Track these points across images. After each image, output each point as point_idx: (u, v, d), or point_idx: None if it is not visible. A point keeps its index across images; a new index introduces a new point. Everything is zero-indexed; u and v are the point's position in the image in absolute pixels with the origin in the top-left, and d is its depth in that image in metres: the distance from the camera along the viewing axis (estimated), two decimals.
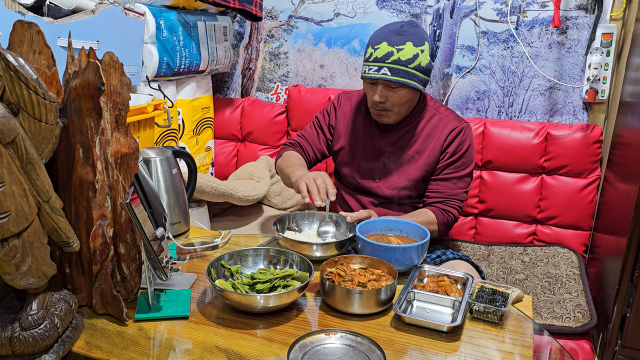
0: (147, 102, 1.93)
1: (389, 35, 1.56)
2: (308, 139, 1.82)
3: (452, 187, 1.66)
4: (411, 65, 1.54)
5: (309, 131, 1.83)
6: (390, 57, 1.53)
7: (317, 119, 1.84)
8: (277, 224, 1.44)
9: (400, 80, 1.54)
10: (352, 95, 1.82)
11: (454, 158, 1.66)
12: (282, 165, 1.73)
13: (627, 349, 1.70)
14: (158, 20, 2.09)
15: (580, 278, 2.01)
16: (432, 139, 1.67)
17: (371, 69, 1.56)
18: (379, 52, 1.55)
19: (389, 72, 1.54)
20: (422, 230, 1.36)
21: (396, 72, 1.54)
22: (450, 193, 1.66)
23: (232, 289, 1.13)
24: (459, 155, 1.66)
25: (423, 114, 1.70)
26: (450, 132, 1.66)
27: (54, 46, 1.72)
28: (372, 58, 1.57)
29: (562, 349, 1.21)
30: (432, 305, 1.17)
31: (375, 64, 1.55)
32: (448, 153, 1.66)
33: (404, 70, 1.54)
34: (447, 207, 1.65)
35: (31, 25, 1.00)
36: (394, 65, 1.53)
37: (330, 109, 1.82)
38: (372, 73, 1.56)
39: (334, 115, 1.80)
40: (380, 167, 1.71)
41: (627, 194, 1.73)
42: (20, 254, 0.90)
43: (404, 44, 1.53)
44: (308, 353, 0.98)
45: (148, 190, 1.17)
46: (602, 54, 2.16)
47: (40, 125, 0.91)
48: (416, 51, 1.54)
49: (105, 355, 1.00)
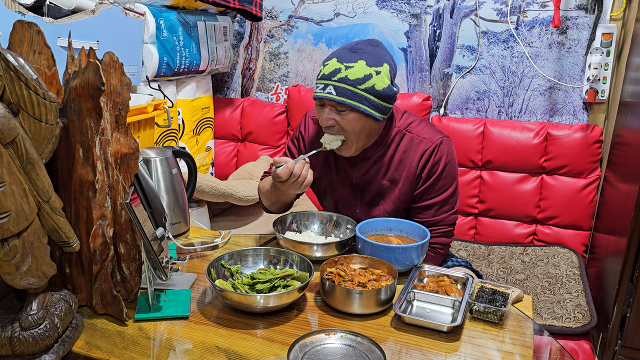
0: (147, 102, 1.93)
1: (341, 51, 1.42)
2: None
3: (435, 213, 1.50)
4: (361, 87, 1.36)
5: None
6: (336, 75, 1.37)
7: (288, 147, 1.67)
8: (277, 224, 1.44)
9: (346, 102, 1.36)
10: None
11: (430, 182, 1.48)
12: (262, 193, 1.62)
13: (627, 349, 1.70)
14: (158, 20, 2.09)
15: (580, 278, 2.01)
16: (405, 165, 1.49)
17: (318, 87, 1.41)
18: (327, 69, 1.39)
19: (334, 91, 1.37)
20: (422, 230, 1.36)
21: (342, 91, 1.37)
22: (434, 220, 1.50)
23: (232, 289, 1.13)
24: (435, 178, 1.47)
25: (392, 139, 1.51)
26: (422, 155, 1.47)
27: (54, 46, 1.72)
28: (320, 75, 1.41)
29: (562, 349, 1.21)
30: (432, 305, 1.17)
31: (322, 81, 1.40)
32: (422, 178, 1.48)
33: (351, 91, 1.36)
34: (432, 239, 1.48)
35: (31, 25, 1.00)
36: (340, 83, 1.37)
37: (298, 136, 1.64)
38: (318, 91, 1.41)
39: (302, 143, 1.62)
40: (358, 199, 1.57)
41: (627, 194, 1.73)
42: (20, 254, 0.90)
43: (355, 61, 1.38)
44: (308, 353, 0.98)
45: (148, 190, 1.17)
46: (602, 54, 2.16)
47: (40, 125, 0.91)
48: (369, 72, 1.37)
49: (105, 355, 1.00)
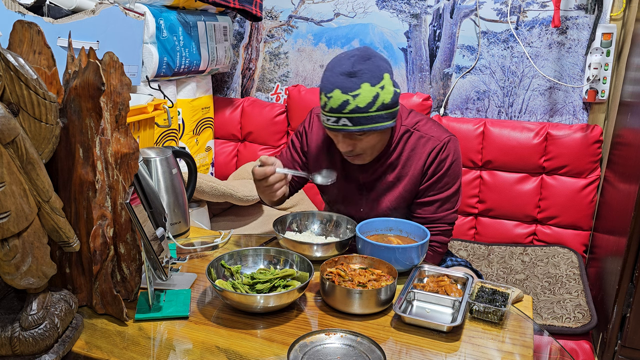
0: (147, 102, 1.93)
1: (340, 79, 1.33)
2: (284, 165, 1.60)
3: (436, 210, 1.50)
4: (372, 109, 1.33)
5: (285, 156, 1.65)
6: (346, 107, 1.32)
7: (292, 141, 1.65)
8: (277, 224, 1.44)
9: (364, 129, 1.35)
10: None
11: (435, 179, 1.48)
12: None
13: (627, 349, 1.70)
14: (158, 20, 2.09)
15: (580, 278, 2.01)
16: (412, 163, 1.49)
17: (329, 120, 1.36)
18: (333, 102, 1.33)
19: (350, 123, 1.34)
20: (422, 230, 1.36)
21: (357, 120, 1.33)
22: (434, 217, 1.50)
23: (232, 289, 1.13)
24: (440, 175, 1.48)
25: (400, 138, 1.50)
26: (430, 153, 1.47)
27: (54, 46, 1.72)
28: (327, 108, 1.35)
29: (562, 349, 1.21)
30: (432, 305, 1.17)
31: (333, 114, 1.34)
32: (428, 174, 1.48)
33: (365, 117, 1.33)
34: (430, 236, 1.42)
35: (31, 25, 1.00)
36: (352, 114, 1.33)
37: (302, 132, 1.62)
38: (331, 124, 1.37)
39: (305, 141, 1.61)
40: (363, 197, 1.56)
41: (627, 194, 1.73)
42: (20, 254, 0.90)
43: (359, 87, 1.31)
44: (308, 353, 0.98)
45: (148, 190, 1.17)
46: (602, 54, 2.16)
47: (40, 125, 0.91)
48: (375, 91, 1.32)
49: (105, 355, 1.00)
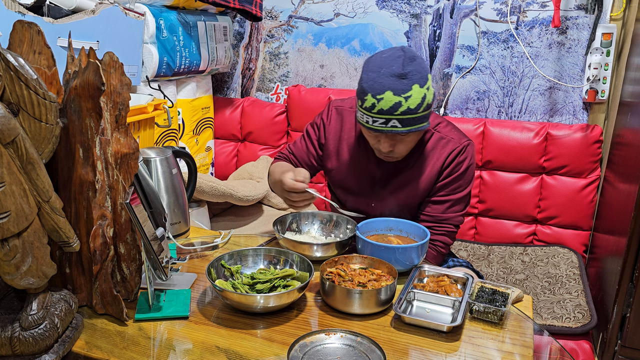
0: (147, 102, 1.93)
1: (391, 81, 1.32)
2: (297, 155, 1.64)
3: (445, 210, 1.51)
4: (420, 110, 1.34)
5: (299, 146, 1.66)
6: (398, 109, 1.32)
7: (307, 132, 1.66)
8: (277, 224, 1.44)
9: (412, 130, 1.36)
10: (344, 108, 1.62)
11: (449, 179, 1.50)
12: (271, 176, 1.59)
13: (627, 349, 1.70)
14: (158, 20, 2.09)
15: (580, 278, 2.01)
16: (430, 161, 1.51)
17: (376, 122, 1.35)
18: (384, 104, 1.32)
19: (399, 124, 1.34)
20: (422, 230, 1.36)
21: (407, 122, 1.34)
22: (442, 217, 1.51)
23: (232, 289, 1.13)
24: (455, 177, 1.50)
25: (421, 138, 1.52)
26: (449, 154, 1.49)
27: (54, 46, 1.72)
28: (376, 109, 1.34)
29: (562, 349, 1.21)
30: (432, 305, 1.17)
31: (382, 116, 1.34)
32: (443, 175, 1.50)
33: (414, 118, 1.34)
34: (435, 236, 1.51)
35: (31, 25, 1.00)
36: (404, 116, 1.33)
37: (320, 124, 1.63)
38: (378, 126, 1.36)
39: (323, 133, 1.61)
40: (375, 193, 1.57)
41: (627, 194, 1.73)
42: (20, 254, 0.90)
43: (410, 89, 1.32)
44: (308, 353, 0.98)
45: (148, 190, 1.17)
46: (602, 54, 2.16)
47: (40, 125, 0.91)
48: (423, 92, 1.34)
49: (105, 355, 1.00)
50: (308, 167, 1.63)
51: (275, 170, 1.55)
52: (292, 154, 1.66)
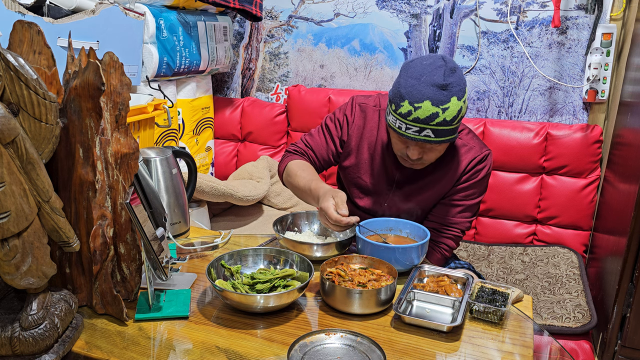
0: (147, 102, 1.93)
1: (432, 90, 1.30)
2: (315, 149, 1.59)
3: (455, 214, 1.51)
4: (455, 122, 1.33)
5: (317, 140, 1.61)
6: (435, 119, 1.30)
7: (327, 126, 1.61)
8: (277, 224, 1.44)
9: (444, 141, 1.35)
10: (367, 107, 1.58)
11: (466, 185, 1.49)
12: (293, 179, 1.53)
13: (627, 349, 1.70)
14: (158, 20, 2.09)
15: (580, 278, 2.01)
16: (451, 168, 1.49)
17: (409, 129, 1.33)
18: (421, 113, 1.30)
19: (433, 135, 1.32)
20: (422, 230, 1.36)
21: (441, 133, 1.33)
22: (451, 221, 1.51)
23: (232, 289, 1.13)
24: (471, 184, 1.49)
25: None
26: (471, 162, 1.48)
27: (54, 46, 1.72)
28: (411, 117, 1.31)
29: (562, 349, 1.21)
30: (432, 305, 1.17)
31: (417, 124, 1.31)
32: (461, 180, 1.49)
33: (448, 130, 1.33)
34: (441, 238, 1.51)
35: (31, 25, 1.00)
36: (439, 127, 1.31)
37: (343, 120, 1.59)
38: (411, 134, 1.33)
39: (347, 130, 1.58)
40: (390, 194, 1.55)
41: (627, 194, 1.73)
42: (20, 254, 0.90)
43: (449, 100, 1.30)
44: (308, 353, 0.98)
45: (148, 190, 1.17)
46: (602, 54, 2.16)
47: (40, 125, 0.91)
48: (460, 105, 1.32)
49: (105, 355, 1.00)
50: (325, 162, 1.61)
51: (298, 174, 1.50)
52: (310, 148, 1.60)
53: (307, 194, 1.46)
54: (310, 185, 1.43)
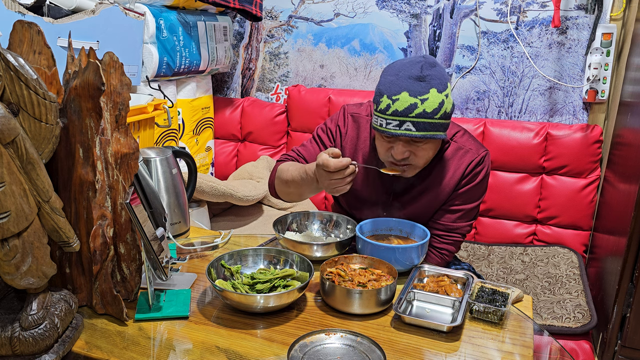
0: (147, 102, 1.93)
1: (409, 82, 1.29)
2: (307, 159, 1.55)
3: (455, 219, 1.49)
4: (437, 116, 1.30)
5: (310, 150, 1.57)
6: (413, 110, 1.28)
7: (319, 136, 1.58)
8: (277, 224, 1.44)
9: (427, 135, 1.31)
10: (360, 117, 1.55)
11: (465, 189, 1.47)
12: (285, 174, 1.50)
13: (627, 349, 1.70)
14: (158, 20, 2.10)
15: (580, 278, 2.01)
16: (449, 172, 1.47)
17: (390, 124, 1.31)
18: (399, 105, 1.29)
19: (414, 128, 1.29)
20: (422, 230, 1.36)
21: (422, 126, 1.29)
22: (452, 227, 1.49)
23: (232, 289, 1.13)
24: (470, 187, 1.47)
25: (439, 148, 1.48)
26: (468, 165, 1.46)
27: (54, 46, 1.72)
28: (390, 111, 1.30)
29: (562, 349, 1.21)
30: (432, 305, 1.17)
31: (396, 118, 1.29)
32: (460, 185, 1.47)
33: (429, 123, 1.30)
34: (442, 244, 1.49)
35: (31, 25, 1.00)
36: (418, 119, 1.29)
37: (336, 132, 1.56)
38: (391, 129, 1.31)
39: (340, 141, 1.55)
40: (389, 204, 1.53)
41: (627, 194, 1.73)
42: (20, 254, 0.90)
43: (428, 92, 1.28)
44: (308, 353, 0.98)
45: (148, 190, 1.17)
46: (602, 54, 2.16)
47: (40, 125, 0.91)
48: (441, 98, 1.30)
49: (105, 355, 1.00)
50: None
51: (290, 169, 1.49)
52: (302, 157, 1.57)
53: (303, 179, 1.43)
54: (305, 168, 1.42)
